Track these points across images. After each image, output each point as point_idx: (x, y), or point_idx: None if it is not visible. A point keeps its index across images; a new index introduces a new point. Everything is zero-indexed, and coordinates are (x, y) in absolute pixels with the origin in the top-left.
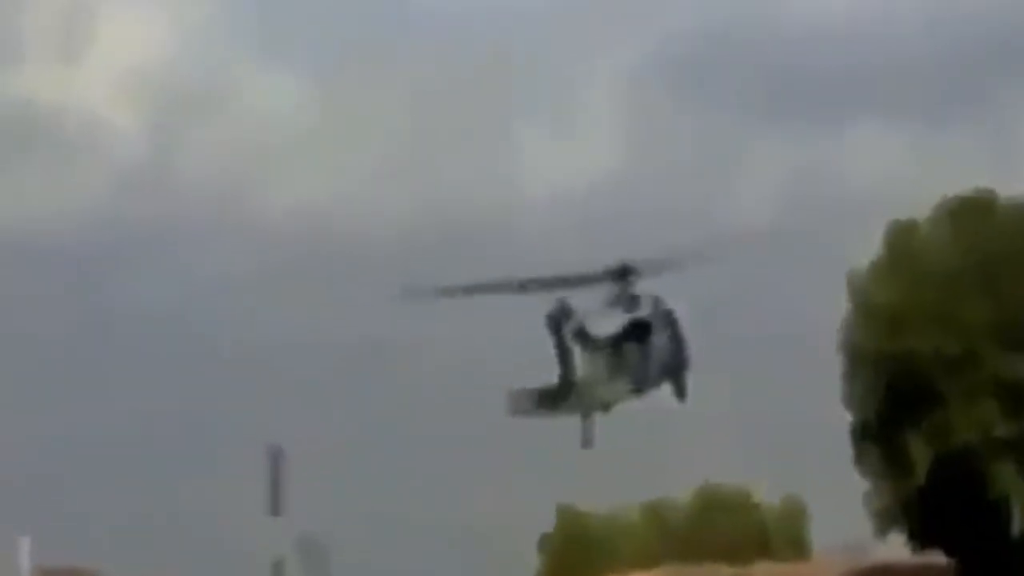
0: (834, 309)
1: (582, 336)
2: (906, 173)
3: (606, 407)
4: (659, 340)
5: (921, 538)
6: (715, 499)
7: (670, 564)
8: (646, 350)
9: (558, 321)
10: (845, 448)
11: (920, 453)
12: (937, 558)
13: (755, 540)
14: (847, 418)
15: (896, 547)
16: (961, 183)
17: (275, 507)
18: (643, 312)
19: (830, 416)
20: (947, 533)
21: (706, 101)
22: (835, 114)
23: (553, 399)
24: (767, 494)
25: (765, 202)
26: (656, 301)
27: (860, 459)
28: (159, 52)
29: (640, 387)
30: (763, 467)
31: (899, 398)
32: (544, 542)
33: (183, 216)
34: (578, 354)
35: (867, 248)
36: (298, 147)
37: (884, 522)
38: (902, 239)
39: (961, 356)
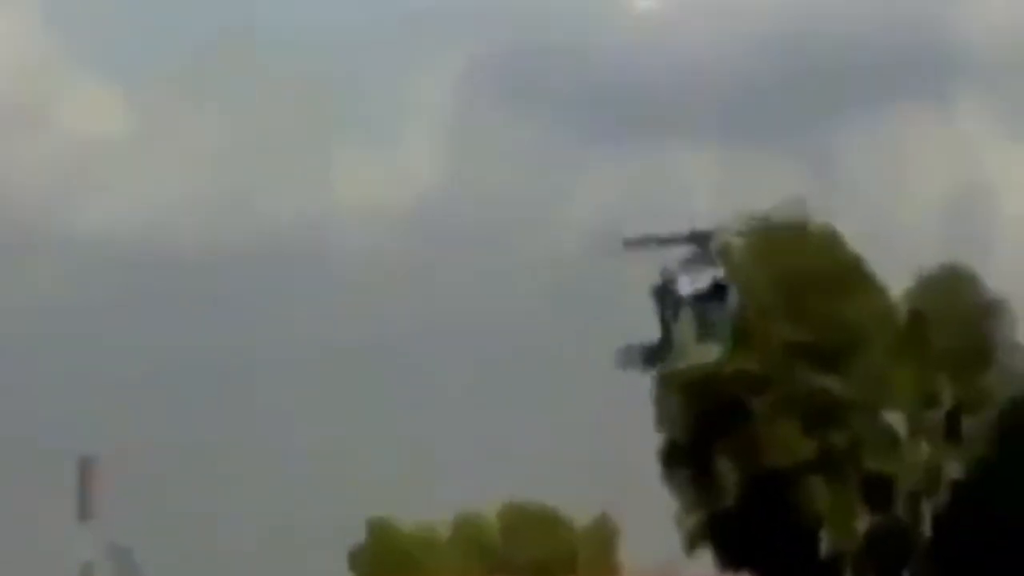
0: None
1: (675, 298)
2: (724, 194)
3: (696, 363)
4: (732, 299)
5: (730, 558)
6: (523, 516)
7: None
8: (724, 309)
9: (663, 287)
10: (658, 467)
11: (728, 473)
12: None
13: (564, 559)
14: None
15: (707, 567)
16: (771, 203)
17: (84, 513)
18: (719, 273)
19: (644, 434)
20: (756, 553)
21: (530, 117)
22: (657, 133)
23: (654, 356)
24: (578, 512)
25: (590, 216)
26: None
27: (670, 479)
28: None
29: (722, 343)
30: (574, 484)
31: (708, 418)
32: (355, 556)
33: None
34: (672, 315)
35: None
36: (111, 164)
37: (694, 542)
38: None
39: (766, 375)
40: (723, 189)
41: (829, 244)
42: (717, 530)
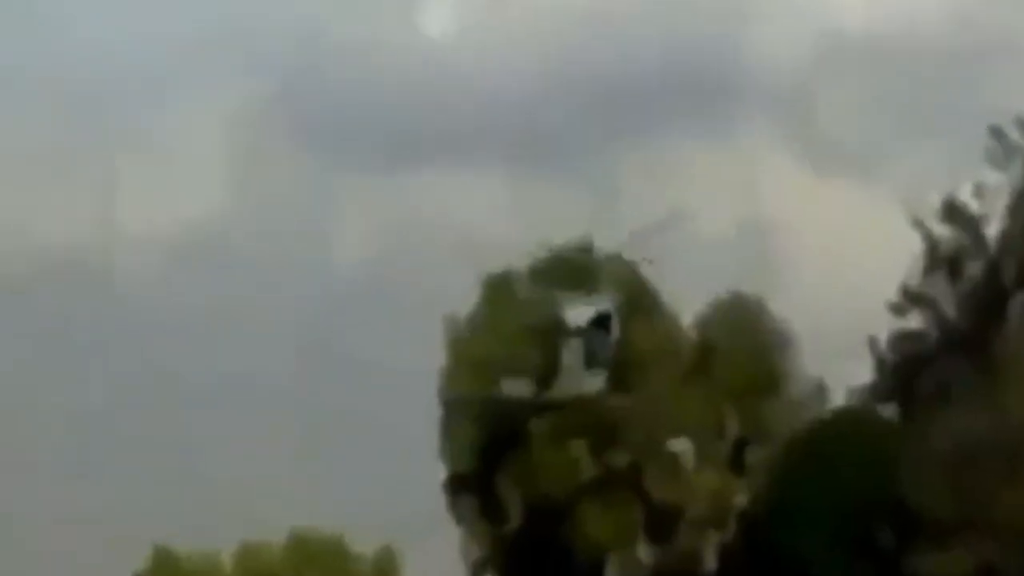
0: (433, 359)
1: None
2: (507, 221)
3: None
4: (615, 328)
5: None
6: (310, 546)
7: None
8: (607, 338)
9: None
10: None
11: (512, 499)
12: None
13: None
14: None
15: None
16: (560, 234)
17: None
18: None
19: (427, 465)
20: None
21: (312, 144)
22: (440, 160)
23: None
24: (361, 544)
25: (367, 244)
26: None
27: (454, 508)
28: None
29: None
30: (357, 516)
31: (493, 445)
32: None
33: None
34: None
35: (468, 297)
36: None
37: (479, 571)
38: (498, 290)
39: (551, 398)
40: (509, 217)
41: (619, 271)
42: (501, 559)
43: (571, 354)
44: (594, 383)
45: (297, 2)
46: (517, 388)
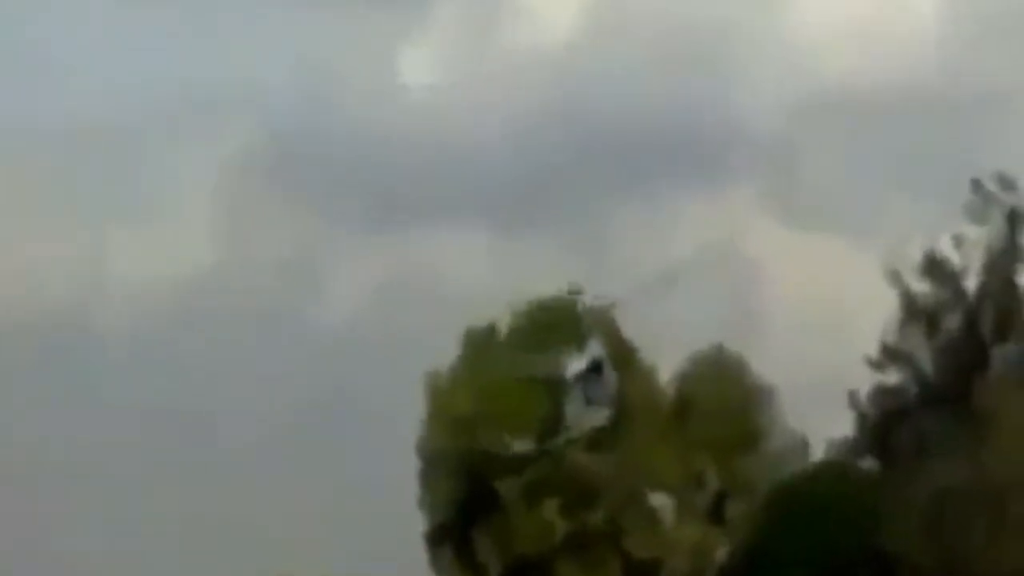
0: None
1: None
2: (491, 278)
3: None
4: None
5: None
6: None
7: None
8: (602, 383)
9: None
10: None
11: (489, 555)
12: None
13: None
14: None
15: None
16: (544, 287)
17: None
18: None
19: (410, 517)
20: None
21: (300, 199)
22: (426, 217)
23: None
24: None
25: (354, 301)
26: None
27: (434, 561)
28: None
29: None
30: (339, 566)
31: (470, 500)
32: None
33: None
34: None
35: (450, 352)
36: None
37: None
38: (478, 343)
39: (525, 455)
40: (495, 271)
41: (599, 323)
42: None
43: (567, 404)
44: (599, 416)
45: (283, 59)
46: (498, 442)
